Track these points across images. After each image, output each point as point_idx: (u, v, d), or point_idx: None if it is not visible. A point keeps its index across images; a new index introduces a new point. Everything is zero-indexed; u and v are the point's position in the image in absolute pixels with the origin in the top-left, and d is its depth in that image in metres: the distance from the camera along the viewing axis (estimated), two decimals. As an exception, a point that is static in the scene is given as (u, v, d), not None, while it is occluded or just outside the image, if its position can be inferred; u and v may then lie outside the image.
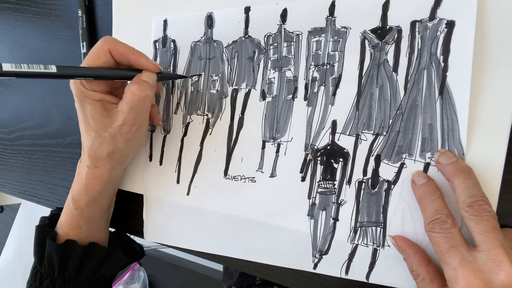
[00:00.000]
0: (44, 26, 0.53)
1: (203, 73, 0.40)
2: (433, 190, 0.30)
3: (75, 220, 0.40)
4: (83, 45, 0.48)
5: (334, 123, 0.34)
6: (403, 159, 0.32)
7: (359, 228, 0.34)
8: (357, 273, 0.34)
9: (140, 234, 0.46)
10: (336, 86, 0.34)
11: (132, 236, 0.49)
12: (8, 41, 0.58)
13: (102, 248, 0.41)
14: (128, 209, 0.45)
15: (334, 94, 0.34)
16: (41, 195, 0.57)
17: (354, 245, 0.34)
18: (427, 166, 0.31)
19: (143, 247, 0.49)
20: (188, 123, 0.41)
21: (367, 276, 0.34)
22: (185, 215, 0.42)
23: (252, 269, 0.40)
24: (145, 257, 0.50)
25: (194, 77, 0.40)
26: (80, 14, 0.48)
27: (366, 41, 0.33)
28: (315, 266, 0.36)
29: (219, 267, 1.22)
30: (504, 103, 0.29)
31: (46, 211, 0.48)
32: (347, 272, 0.35)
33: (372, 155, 0.33)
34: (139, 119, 0.36)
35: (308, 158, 0.35)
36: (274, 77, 0.37)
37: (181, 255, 1.38)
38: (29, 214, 1.54)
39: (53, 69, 0.32)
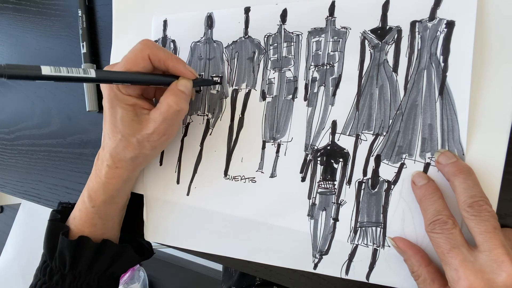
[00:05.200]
0: (44, 26, 0.53)
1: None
2: (434, 191, 0.30)
3: (91, 218, 0.40)
4: (83, 45, 0.48)
5: (334, 123, 0.34)
6: (403, 159, 0.32)
7: (359, 229, 0.34)
8: (357, 273, 0.34)
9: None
10: (336, 86, 0.34)
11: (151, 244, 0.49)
12: (8, 41, 0.58)
13: (114, 245, 0.41)
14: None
15: (334, 94, 0.34)
16: (41, 195, 0.57)
17: (354, 245, 0.34)
18: (427, 166, 0.31)
19: (151, 245, 0.48)
20: (188, 123, 0.41)
21: (367, 276, 0.34)
22: (185, 215, 0.42)
23: (252, 269, 0.40)
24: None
25: (216, 79, 0.40)
26: (80, 14, 0.48)
27: (366, 41, 0.33)
28: (315, 266, 0.36)
29: (219, 267, 1.22)
30: (504, 103, 0.29)
31: (46, 211, 0.48)
32: (347, 272, 0.35)
33: (372, 155, 0.33)
34: (170, 130, 0.36)
35: (308, 158, 0.35)
36: (274, 78, 0.37)
37: (181, 255, 1.38)
38: (29, 214, 1.54)
39: (92, 73, 0.31)
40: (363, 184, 0.34)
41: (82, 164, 0.52)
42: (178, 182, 0.42)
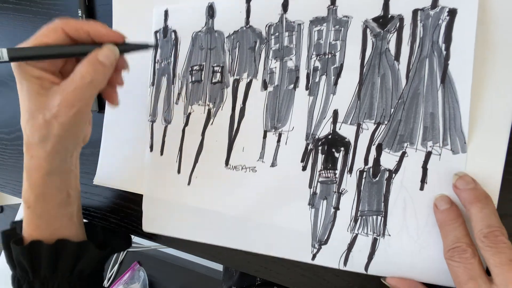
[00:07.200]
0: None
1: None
2: (455, 217, 0.29)
3: (31, 219, 0.37)
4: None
5: (335, 113, 0.34)
6: (405, 148, 0.32)
7: (360, 217, 0.34)
8: (356, 264, 0.34)
9: (140, 235, 0.45)
10: (338, 75, 0.34)
11: (131, 237, 0.48)
12: (8, 41, 0.58)
13: (72, 243, 0.38)
14: (128, 209, 0.45)
15: (335, 83, 0.34)
16: (41, 191, 0.56)
17: (354, 234, 0.34)
18: (428, 155, 0.31)
19: (130, 237, 0.46)
20: (190, 113, 0.41)
21: (366, 268, 0.34)
22: (185, 205, 0.41)
23: (252, 269, 0.40)
24: (145, 257, 0.49)
25: (151, 47, 0.36)
26: (80, 14, 0.48)
27: (368, 30, 0.33)
28: (314, 257, 0.36)
29: (219, 267, 1.21)
30: (504, 103, 0.29)
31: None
32: (345, 263, 0.34)
33: (374, 144, 0.33)
34: (80, 103, 0.32)
35: (309, 148, 0.35)
36: (275, 67, 0.37)
37: (181, 255, 1.37)
38: (30, 213, 1.53)
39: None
40: (364, 173, 0.33)
41: (82, 164, 0.51)
42: (179, 171, 0.41)
